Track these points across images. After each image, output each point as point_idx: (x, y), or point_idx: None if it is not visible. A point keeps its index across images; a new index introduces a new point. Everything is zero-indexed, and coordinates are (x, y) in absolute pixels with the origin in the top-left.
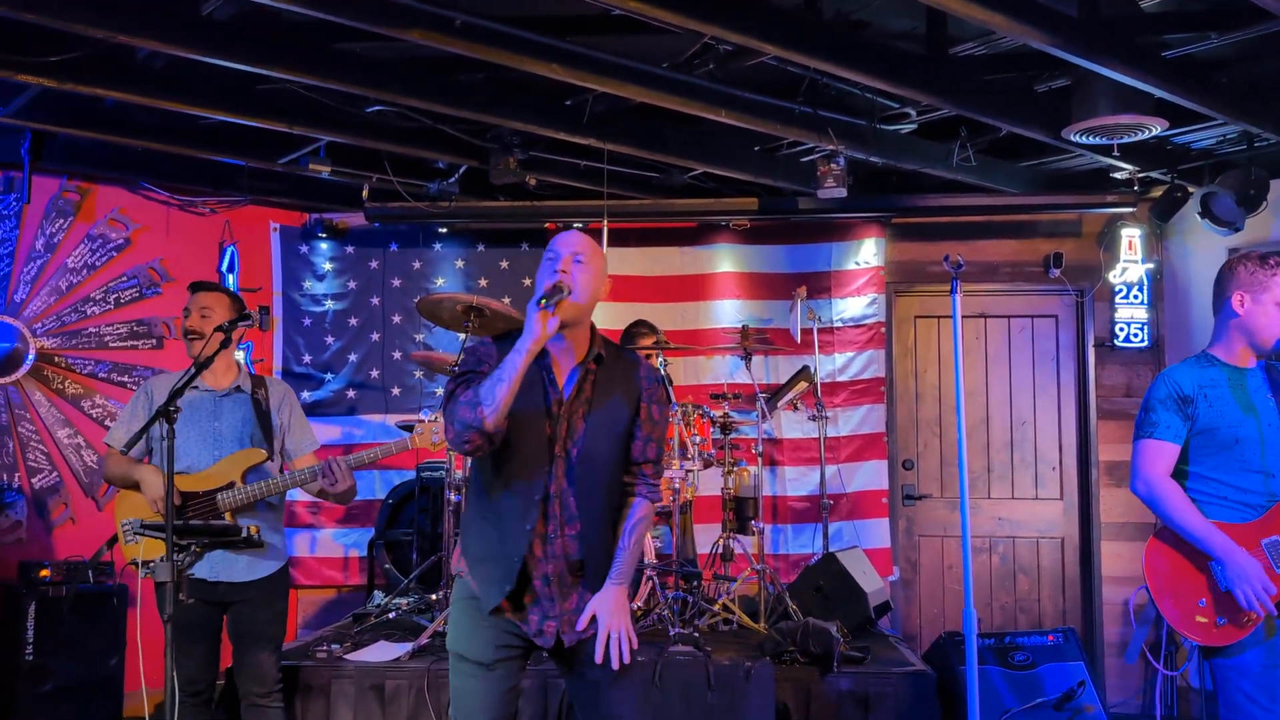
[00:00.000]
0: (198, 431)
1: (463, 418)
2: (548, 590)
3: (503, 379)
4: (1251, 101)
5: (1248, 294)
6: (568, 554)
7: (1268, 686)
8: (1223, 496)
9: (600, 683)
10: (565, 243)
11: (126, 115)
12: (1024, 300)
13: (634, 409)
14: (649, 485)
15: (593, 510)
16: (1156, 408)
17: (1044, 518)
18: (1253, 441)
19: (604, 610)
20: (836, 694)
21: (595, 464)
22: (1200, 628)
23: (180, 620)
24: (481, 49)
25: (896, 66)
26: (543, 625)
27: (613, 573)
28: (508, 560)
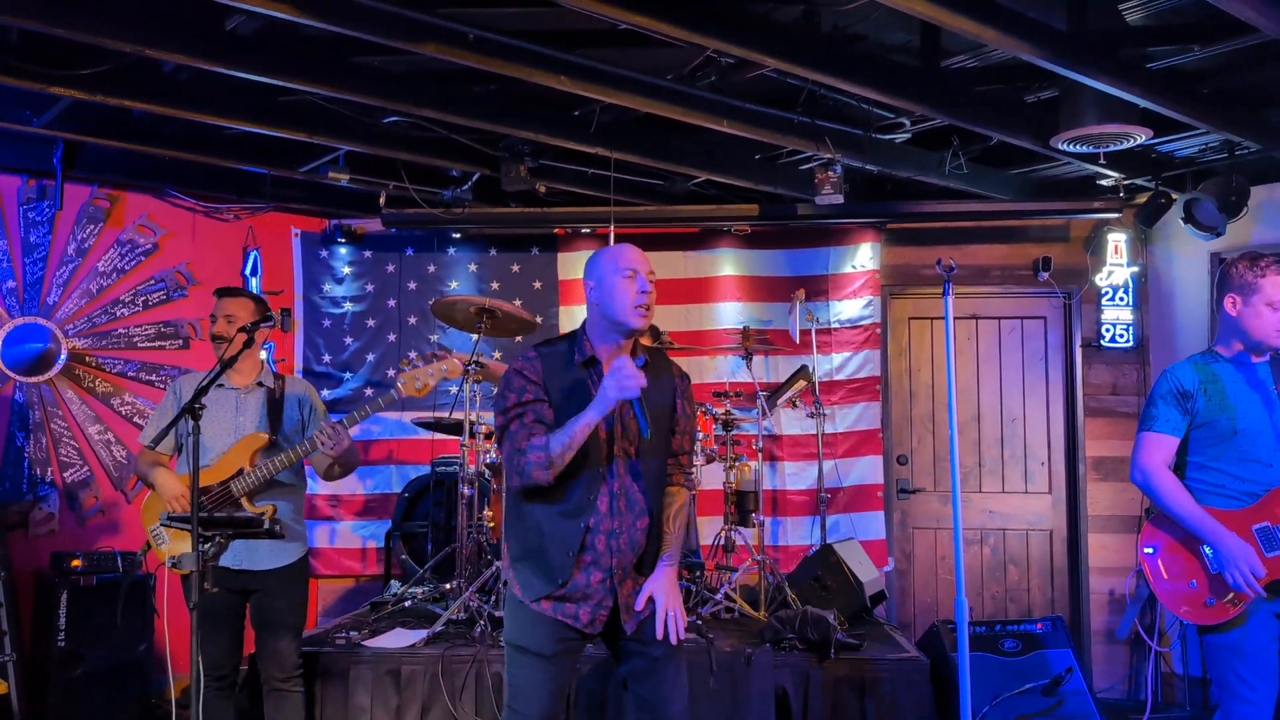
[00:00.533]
0: (222, 427)
1: (535, 478)
2: (607, 582)
3: (572, 447)
4: (1233, 111)
5: (1239, 296)
6: (635, 546)
7: (1258, 668)
8: (1220, 486)
9: (657, 659)
10: (640, 259)
11: (154, 126)
12: (1014, 302)
13: (672, 405)
14: (685, 474)
15: (653, 503)
16: (1158, 402)
17: (1033, 511)
18: (1251, 433)
19: (660, 591)
20: (834, 680)
21: (651, 459)
22: (1190, 607)
23: (204, 608)
24: (493, 62)
25: (891, 78)
26: (595, 615)
27: (664, 556)
28: (564, 556)
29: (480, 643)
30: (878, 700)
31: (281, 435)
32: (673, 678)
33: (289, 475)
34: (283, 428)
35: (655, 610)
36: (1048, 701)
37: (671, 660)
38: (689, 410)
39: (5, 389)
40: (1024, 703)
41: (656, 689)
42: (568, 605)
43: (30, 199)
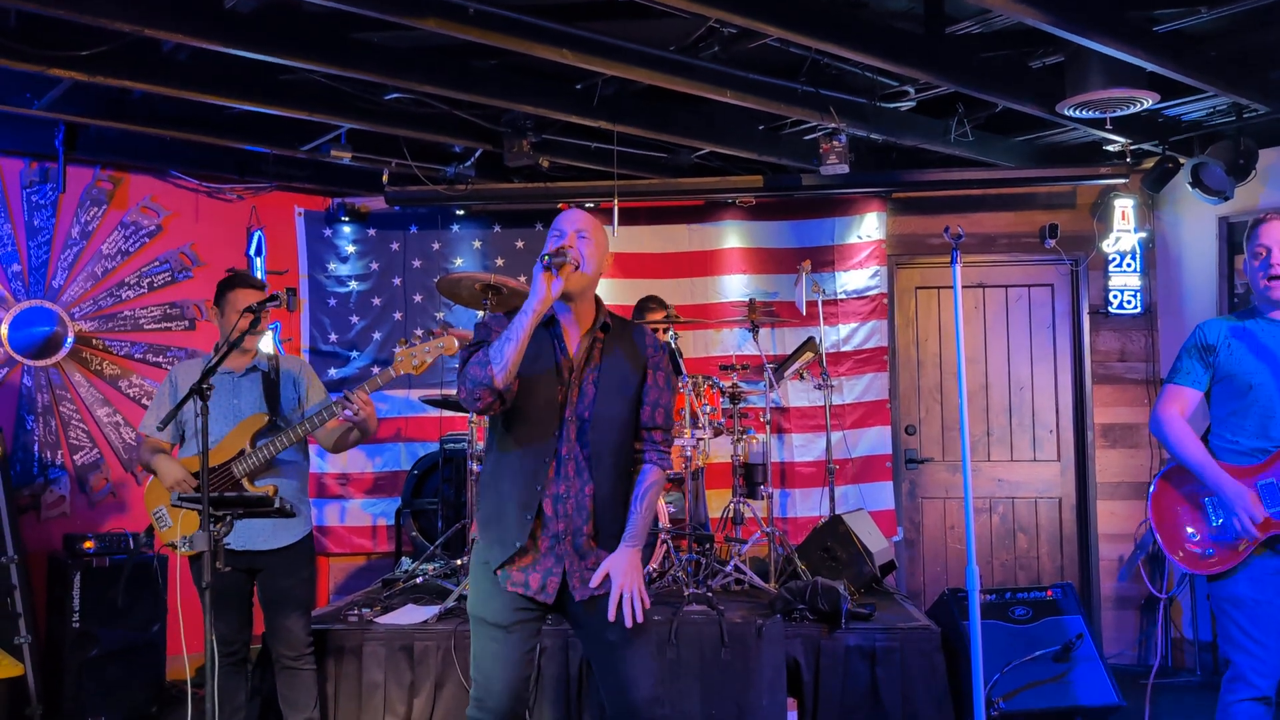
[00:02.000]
0: (219, 411)
1: (473, 376)
2: (556, 548)
3: (510, 339)
4: (1240, 74)
5: (1245, 250)
6: (583, 513)
7: (1259, 621)
8: (1237, 442)
9: (615, 644)
10: (569, 220)
11: (154, 106)
12: (1021, 270)
13: (641, 375)
14: (659, 452)
15: (603, 471)
16: (1183, 355)
17: (1042, 478)
18: (1267, 389)
19: (617, 570)
20: (845, 649)
21: (605, 426)
22: (1190, 556)
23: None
24: (494, 35)
25: (895, 46)
26: (545, 582)
27: (626, 535)
28: (520, 517)
29: None
30: (889, 669)
31: (280, 416)
32: (632, 663)
33: (291, 453)
34: (280, 408)
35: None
36: (1059, 668)
37: (630, 644)
38: (663, 383)
39: (13, 373)
40: (1035, 669)
41: (615, 674)
42: (515, 573)
43: (33, 182)
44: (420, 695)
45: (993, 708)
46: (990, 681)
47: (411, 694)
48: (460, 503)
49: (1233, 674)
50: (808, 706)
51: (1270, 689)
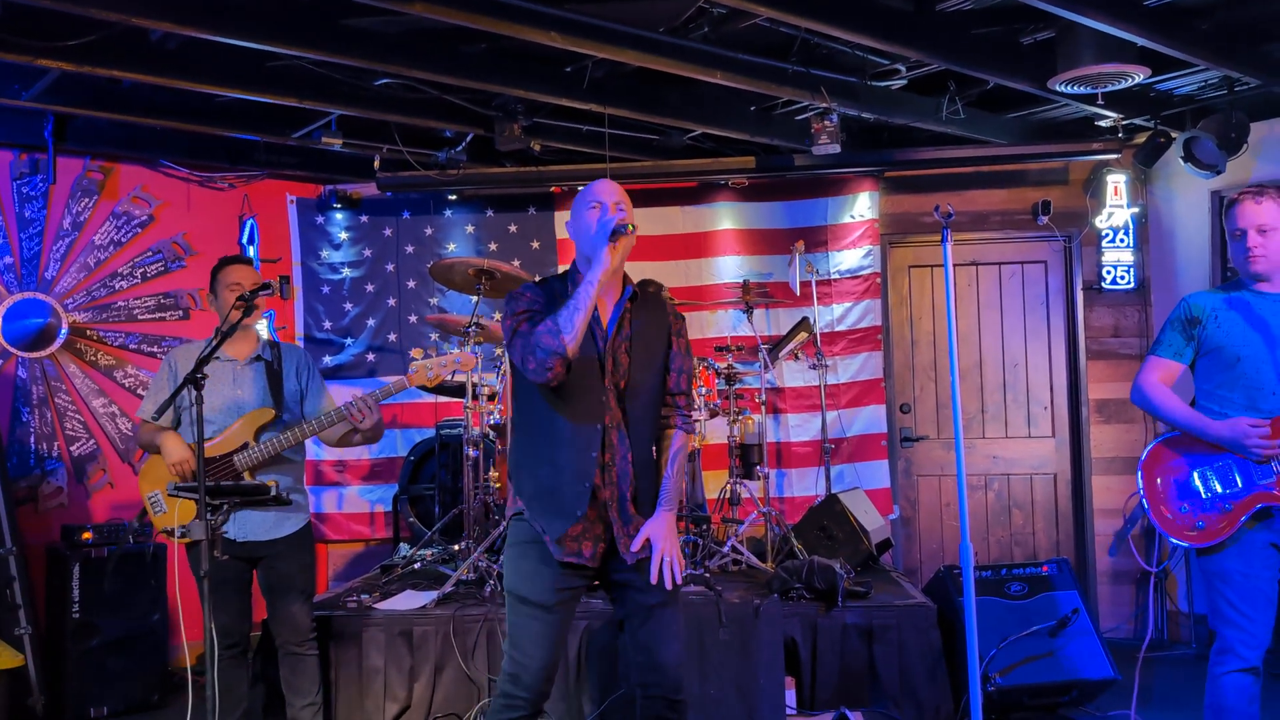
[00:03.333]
0: (220, 400)
1: (546, 345)
2: (608, 515)
3: (579, 308)
4: (1231, 47)
5: (1225, 231)
6: (626, 480)
7: (1247, 596)
8: (1225, 414)
9: (652, 606)
10: (606, 191)
11: (143, 96)
12: (1014, 247)
13: (667, 343)
14: (684, 417)
15: (642, 437)
16: (1166, 328)
17: (1037, 455)
18: (1255, 361)
19: (657, 535)
20: (842, 627)
21: (641, 394)
22: (1180, 529)
23: (212, 576)
24: (482, 19)
25: (886, 24)
26: (596, 549)
27: (662, 499)
28: (577, 487)
29: (490, 602)
30: (886, 647)
31: (284, 408)
32: (667, 623)
33: (292, 449)
34: (284, 400)
35: (651, 554)
36: (1054, 643)
37: (667, 607)
38: (685, 350)
39: (8, 365)
40: (1031, 645)
41: (651, 634)
42: (569, 543)
43: (23, 173)
44: (420, 680)
45: (989, 683)
46: (987, 657)
47: (412, 679)
48: (457, 488)
49: (1221, 646)
50: (805, 684)
51: (1258, 660)
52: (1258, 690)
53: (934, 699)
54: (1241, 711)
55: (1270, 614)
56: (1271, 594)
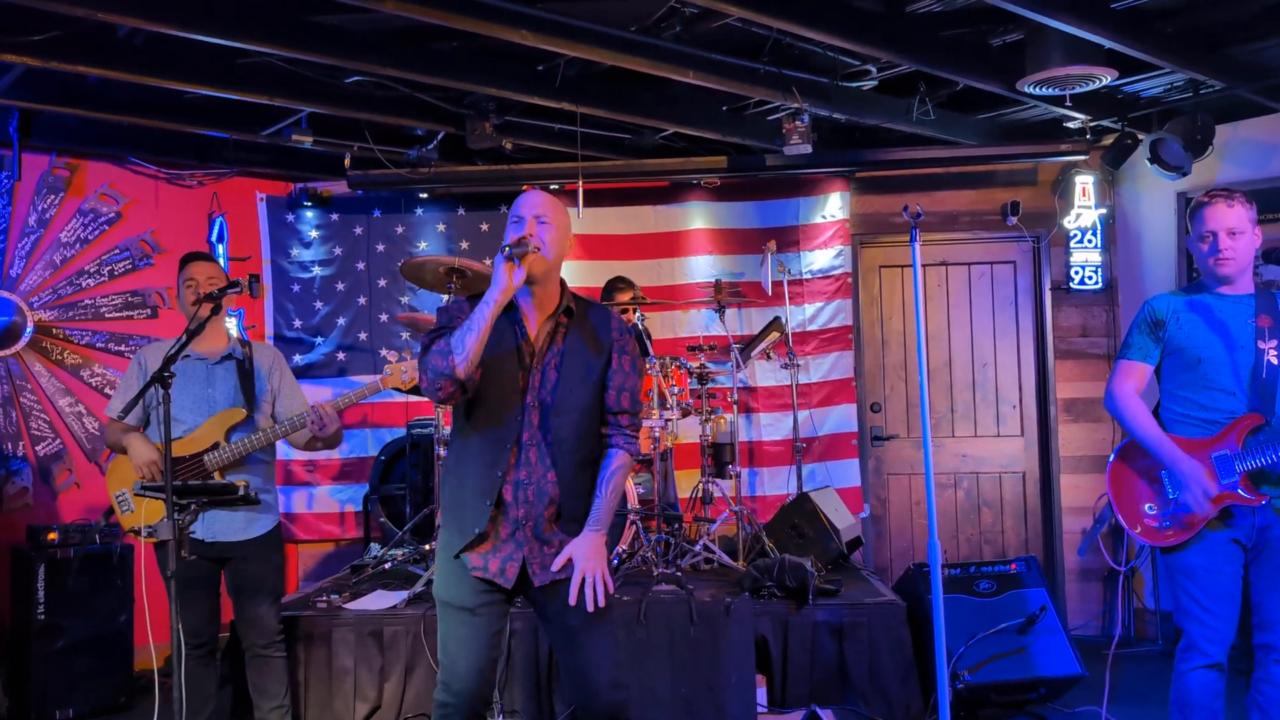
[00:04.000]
0: (192, 398)
1: (435, 366)
2: (517, 534)
3: (472, 329)
4: (1197, 50)
5: (1191, 228)
6: (544, 499)
7: (1211, 592)
8: (1187, 414)
9: (576, 628)
10: (528, 204)
11: (111, 91)
12: (983, 247)
13: (606, 359)
14: (625, 436)
15: (567, 456)
16: (1133, 331)
17: (1006, 454)
18: (1217, 362)
19: (580, 555)
20: (812, 625)
21: (568, 411)
22: (1147, 529)
23: (180, 576)
24: (452, 17)
25: (857, 25)
26: (504, 567)
27: (590, 520)
28: (480, 504)
29: None
30: (856, 644)
31: (255, 408)
32: (593, 648)
33: (262, 449)
34: (256, 400)
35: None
36: (1023, 640)
37: (591, 629)
38: (629, 367)
39: None
40: (1000, 642)
41: (577, 659)
42: (475, 558)
43: None
44: (390, 680)
45: (958, 680)
46: (956, 654)
47: (382, 679)
48: (428, 488)
49: (1186, 643)
50: (776, 682)
51: (1222, 655)
52: (1222, 686)
53: (904, 696)
54: (1206, 707)
55: (1234, 610)
56: (1235, 590)
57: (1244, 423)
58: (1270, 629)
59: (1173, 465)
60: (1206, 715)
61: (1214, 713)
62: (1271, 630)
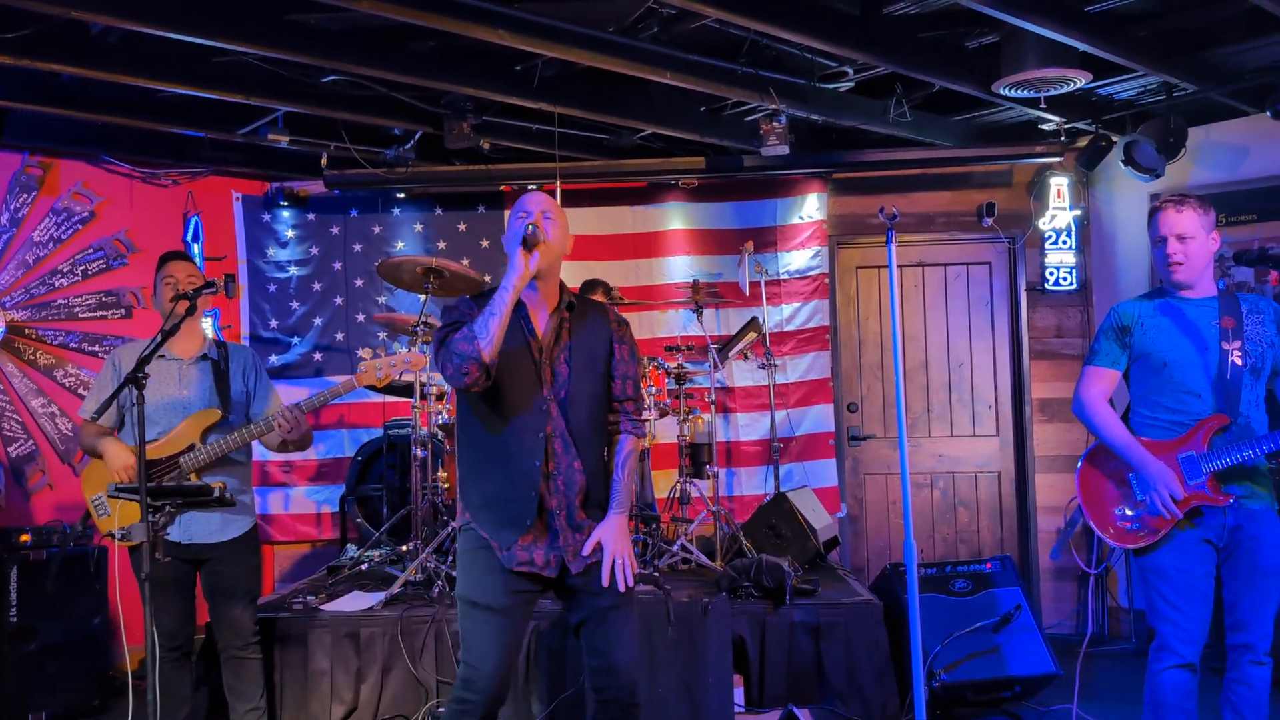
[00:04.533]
0: (166, 400)
1: (461, 350)
2: (555, 524)
3: (494, 313)
4: (1170, 53)
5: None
6: (574, 488)
7: (1182, 591)
8: (1155, 417)
9: (607, 609)
10: (534, 202)
11: (85, 90)
12: (959, 248)
13: (609, 350)
14: (632, 421)
15: (587, 445)
16: (1100, 337)
17: (981, 453)
18: (1182, 365)
19: (609, 537)
20: (789, 625)
21: (582, 403)
22: (1118, 532)
23: (155, 578)
24: (430, 16)
25: (833, 26)
26: (549, 557)
27: (613, 503)
28: (523, 497)
29: (438, 603)
30: (833, 644)
31: (231, 409)
32: (621, 625)
33: (238, 450)
34: (231, 401)
35: (603, 557)
36: (998, 639)
37: (620, 609)
38: (629, 356)
39: None
40: (975, 641)
41: (605, 636)
42: (520, 552)
43: None
44: (367, 681)
45: (934, 679)
46: (931, 653)
47: (358, 680)
48: (405, 489)
49: (1159, 643)
50: (754, 682)
51: (1194, 656)
52: (1195, 687)
53: (880, 695)
54: (1179, 708)
55: (1206, 610)
56: (1207, 590)
57: (1209, 424)
58: (1245, 629)
59: (1140, 468)
60: (1179, 715)
61: (1187, 713)
62: (1246, 631)
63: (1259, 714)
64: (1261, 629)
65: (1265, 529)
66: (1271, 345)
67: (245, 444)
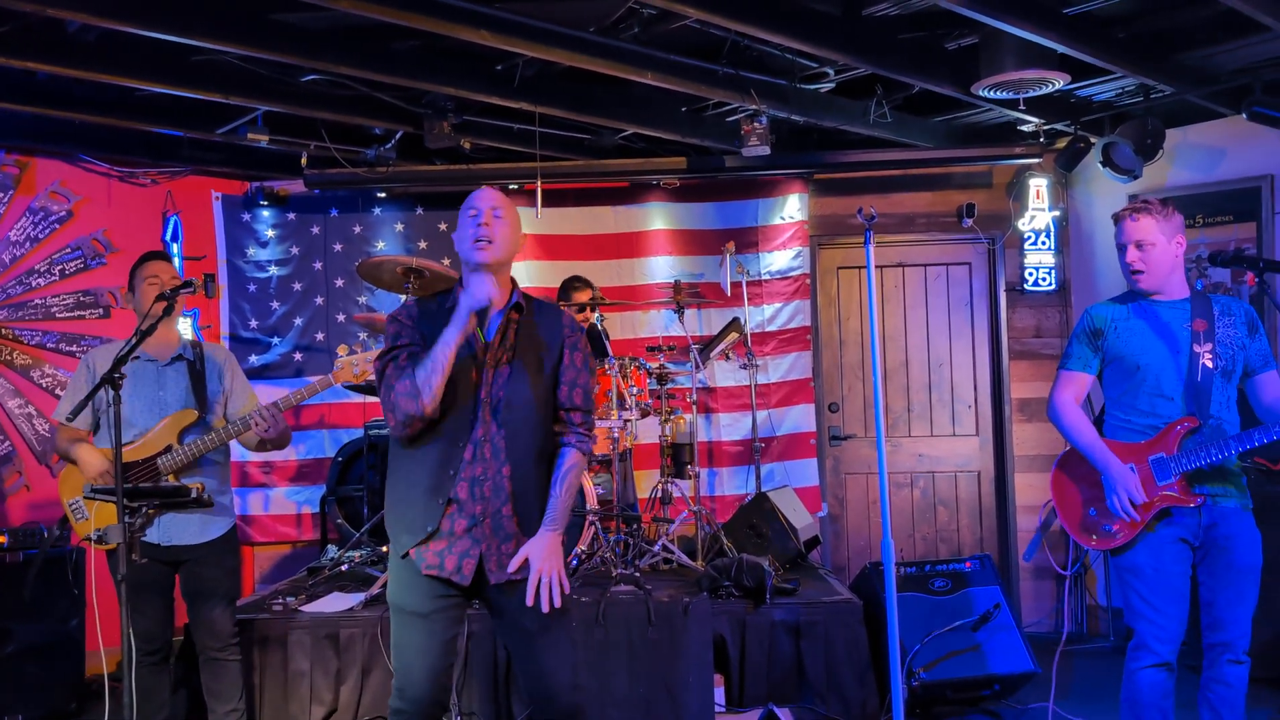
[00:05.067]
0: (143, 401)
1: (405, 410)
2: (474, 531)
3: (436, 370)
4: (1147, 55)
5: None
6: (501, 494)
7: (1158, 590)
8: (1128, 420)
9: (532, 631)
10: (484, 199)
11: (62, 88)
12: (939, 249)
13: (558, 355)
14: (578, 434)
15: (520, 452)
16: (1073, 341)
17: (961, 453)
18: (1154, 368)
19: (536, 554)
20: (770, 624)
21: (520, 407)
22: (1090, 533)
23: (133, 579)
24: (411, 16)
25: (814, 27)
26: (461, 564)
27: (546, 519)
28: (432, 503)
29: None
30: (813, 643)
31: (208, 409)
32: (550, 649)
33: (215, 451)
34: (208, 401)
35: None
36: (977, 637)
37: (548, 632)
38: (580, 363)
39: None
40: (954, 639)
41: (534, 661)
42: (430, 555)
43: None
44: (346, 683)
45: (913, 678)
46: (911, 652)
47: (338, 682)
48: None
49: (1136, 642)
50: (734, 682)
51: (1171, 655)
52: (1171, 685)
53: (860, 694)
54: (1155, 706)
55: (1183, 609)
56: (1183, 589)
57: (1180, 426)
58: (1223, 628)
59: (1104, 470)
60: (1156, 714)
61: (1163, 711)
62: (1224, 630)
63: (1236, 713)
64: (1239, 627)
65: (1239, 528)
66: (1243, 347)
67: (223, 444)
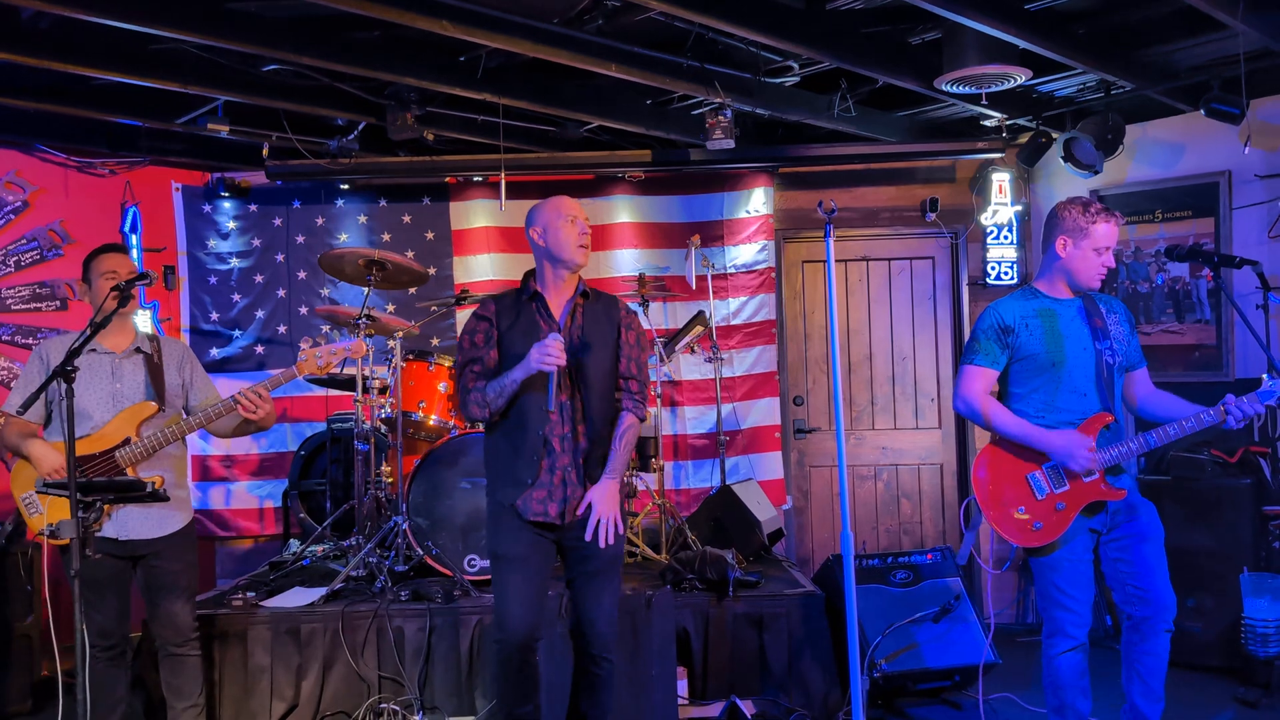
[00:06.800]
0: (98, 394)
1: (474, 414)
2: (561, 478)
3: (503, 395)
4: (1107, 51)
5: (1070, 239)
6: (579, 450)
7: (1073, 580)
8: (1041, 417)
9: (593, 573)
10: (576, 207)
11: (16, 76)
12: (903, 243)
13: (616, 333)
14: (634, 400)
15: (594, 413)
16: (980, 337)
17: (924, 446)
18: (1068, 365)
19: (599, 499)
20: (733, 616)
21: (592, 374)
22: (1019, 531)
23: (88, 575)
24: (373, 6)
25: (778, 21)
26: (553, 509)
27: (608, 469)
28: (532, 457)
29: (380, 598)
30: (775, 635)
31: (166, 401)
32: (601, 587)
33: (173, 444)
34: (166, 394)
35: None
36: (938, 629)
37: (601, 575)
38: (634, 341)
39: None
40: (916, 631)
41: (584, 594)
42: (535, 504)
43: None
44: (308, 678)
45: (875, 669)
46: (872, 644)
47: (299, 677)
48: (348, 483)
49: (1052, 629)
50: (697, 674)
51: (1085, 636)
52: (1087, 664)
53: (822, 686)
54: (1075, 685)
55: (1091, 593)
56: (1091, 575)
57: (1096, 421)
58: (1149, 599)
59: (1046, 445)
60: (1076, 692)
61: (1082, 689)
62: (1150, 601)
63: (1160, 680)
64: (1166, 594)
65: (1136, 499)
66: (1126, 343)
67: (184, 435)
